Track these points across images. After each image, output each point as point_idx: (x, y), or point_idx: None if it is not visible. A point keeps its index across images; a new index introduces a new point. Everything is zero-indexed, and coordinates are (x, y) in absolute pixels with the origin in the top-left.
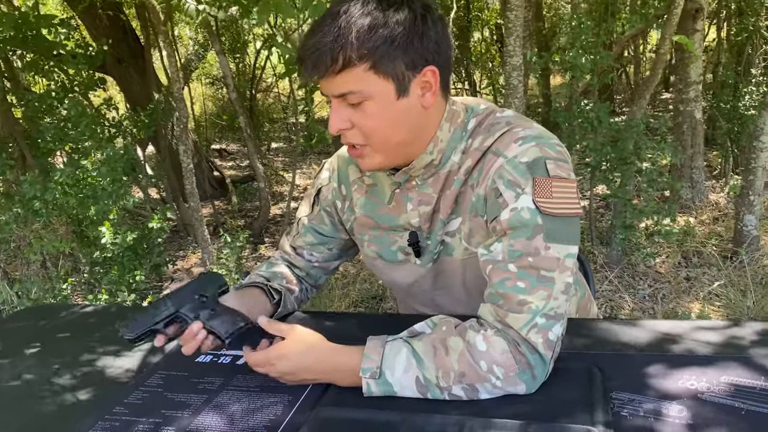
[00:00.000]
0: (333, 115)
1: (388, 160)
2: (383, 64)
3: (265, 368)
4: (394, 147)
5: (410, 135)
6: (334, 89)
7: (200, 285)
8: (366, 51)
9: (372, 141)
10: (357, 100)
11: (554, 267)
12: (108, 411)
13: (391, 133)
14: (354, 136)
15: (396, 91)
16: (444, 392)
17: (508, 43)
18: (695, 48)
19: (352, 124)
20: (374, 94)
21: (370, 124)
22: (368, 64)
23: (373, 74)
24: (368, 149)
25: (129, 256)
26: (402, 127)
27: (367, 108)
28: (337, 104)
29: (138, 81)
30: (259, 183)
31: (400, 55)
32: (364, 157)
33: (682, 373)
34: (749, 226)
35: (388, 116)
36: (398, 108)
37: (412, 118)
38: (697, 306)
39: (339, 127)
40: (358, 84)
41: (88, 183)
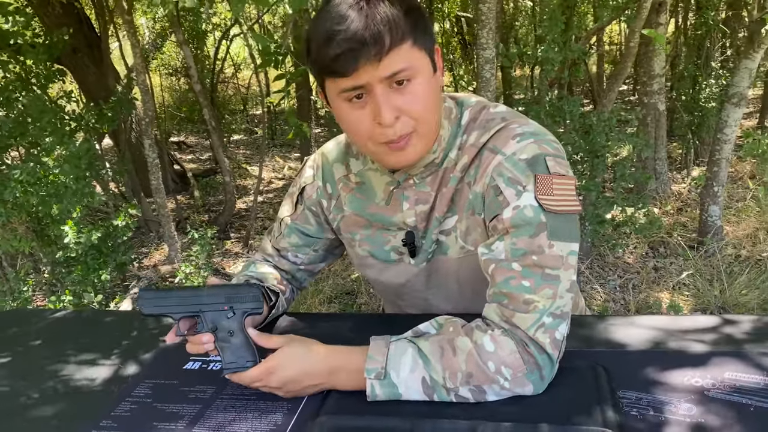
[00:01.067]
0: (384, 106)
1: (425, 149)
2: (422, 38)
3: (264, 381)
4: (433, 130)
5: (439, 116)
6: (384, 71)
7: (238, 296)
8: (409, 27)
9: (420, 124)
10: (407, 76)
11: (558, 265)
12: (95, 425)
13: (433, 113)
14: (404, 125)
15: (431, 66)
16: (451, 394)
17: (480, 35)
18: (662, 36)
19: (401, 112)
20: (420, 69)
21: (419, 105)
22: (412, 40)
23: (416, 49)
24: (414, 137)
25: (93, 255)
26: (438, 105)
27: (414, 87)
28: (384, 92)
29: (94, 72)
30: (225, 177)
31: (428, 30)
32: (408, 148)
33: (684, 370)
34: (713, 217)
35: (431, 92)
36: (434, 84)
37: (439, 97)
38: (666, 296)
39: (393, 115)
40: (407, 60)
41: (50, 181)
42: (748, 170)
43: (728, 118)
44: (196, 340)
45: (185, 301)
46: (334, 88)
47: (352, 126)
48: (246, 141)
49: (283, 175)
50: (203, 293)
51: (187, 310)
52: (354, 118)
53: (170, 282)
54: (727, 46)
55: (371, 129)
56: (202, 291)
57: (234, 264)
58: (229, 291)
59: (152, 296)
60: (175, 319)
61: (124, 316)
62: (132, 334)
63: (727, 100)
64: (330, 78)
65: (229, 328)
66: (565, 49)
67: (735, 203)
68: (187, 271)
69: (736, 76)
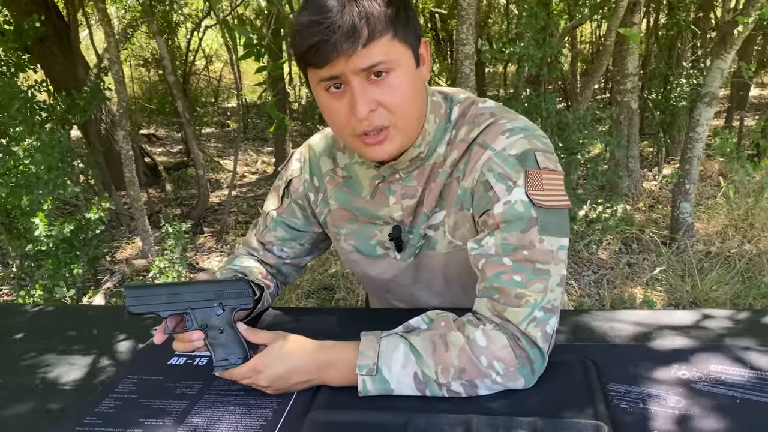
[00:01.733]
0: (359, 98)
1: (404, 143)
2: (403, 31)
3: (253, 378)
4: (413, 124)
5: (422, 111)
6: (360, 63)
7: (228, 291)
8: (391, 18)
9: (397, 117)
10: (385, 68)
11: (549, 259)
12: (78, 422)
13: (413, 106)
14: (380, 117)
15: (414, 60)
16: (443, 389)
17: (460, 31)
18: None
19: (377, 104)
20: (400, 62)
21: (397, 99)
22: (392, 33)
23: (397, 42)
24: (392, 130)
25: (64, 249)
26: (420, 99)
27: (393, 79)
28: (360, 85)
29: (62, 61)
30: (198, 171)
31: (412, 23)
32: (386, 142)
33: (671, 363)
34: (685, 214)
35: (412, 86)
36: (417, 78)
37: (422, 91)
38: (640, 291)
39: (368, 108)
40: (386, 53)
41: (21, 171)
42: (717, 169)
43: (700, 117)
44: (185, 338)
45: (173, 298)
46: (314, 77)
47: (331, 116)
48: (218, 134)
49: (256, 169)
50: (191, 290)
51: (175, 308)
52: (332, 108)
53: (144, 276)
54: (698, 47)
55: (348, 120)
56: (190, 287)
57: (208, 258)
58: (218, 287)
59: (139, 294)
60: (163, 316)
61: (102, 311)
62: (112, 329)
63: (699, 99)
64: (309, 67)
65: (219, 325)
66: (544, 45)
67: (705, 200)
68: (161, 266)
69: (708, 77)
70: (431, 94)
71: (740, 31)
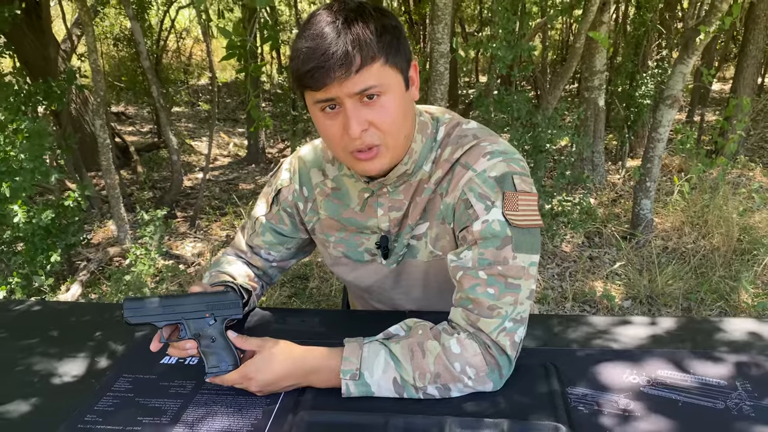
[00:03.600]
0: (352, 119)
1: (393, 159)
2: (394, 57)
3: (244, 384)
4: (402, 143)
5: (411, 129)
6: (354, 87)
7: (218, 303)
8: (382, 46)
9: (387, 137)
10: (377, 92)
11: (521, 275)
12: (79, 419)
13: (402, 126)
14: (371, 136)
15: (404, 83)
16: (419, 392)
17: (436, 30)
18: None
19: (369, 125)
20: (391, 86)
21: (387, 119)
22: (384, 59)
23: (388, 68)
24: (382, 148)
25: (41, 236)
26: (409, 119)
27: (383, 102)
28: (354, 107)
29: (32, 41)
30: (172, 156)
31: (402, 50)
32: (376, 159)
33: (624, 368)
34: (645, 210)
35: (401, 108)
36: (406, 100)
37: (411, 111)
38: (600, 284)
39: (361, 128)
40: (378, 78)
41: (1, 159)
42: (677, 164)
43: (662, 119)
44: (179, 346)
45: (168, 310)
46: (310, 99)
47: (326, 134)
48: (188, 114)
49: (229, 152)
50: (185, 302)
51: (169, 319)
52: (327, 127)
53: (120, 264)
54: (663, 46)
55: (342, 138)
56: (184, 300)
57: (182, 244)
58: (210, 299)
59: (136, 306)
60: (159, 326)
61: (92, 308)
62: (103, 327)
63: (661, 101)
64: (305, 90)
65: (211, 334)
66: (516, 47)
67: (664, 196)
68: (138, 254)
69: (671, 80)
70: (419, 114)
71: (702, 39)
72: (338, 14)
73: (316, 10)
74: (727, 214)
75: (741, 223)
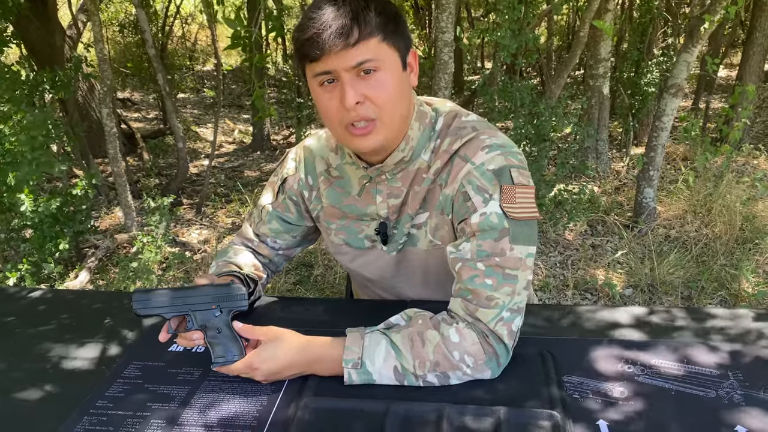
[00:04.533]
0: (348, 89)
1: (389, 138)
2: (392, 37)
3: (249, 373)
4: (398, 121)
5: (407, 111)
6: (351, 60)
7: (224, 295)
8: (380, 24)
9: (382, 112)
10: (373, 66)
11: (518, 266)
12: (91, 405)
13: (398, 104)
14: (366, 109)
15: (401, 64)
16: (419, 380)
17: (441, 19)
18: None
19: (365, 98)
20: (387, 62)
21: (383, 94)
22: (381, 36)
23: (385, 45)
24: (378, 124)
25: (49, 223)
26: (405, 99)
27: (379, 77)
28: (351, 79)
29: (38, 27)
30: (178, 143)
31: (401, 32)
32: (371, 134)
33: (619, 356)
34: (648, 199)
35: (397, 86)
36: (403, 79)
37: (408, 93)
38: (602, 273)
39: (356, 99)
40: (374, 53)
41: (6, 149)
42: (681, 152)
43: (666, 107)
44: (187, 336)
45: (176, 302)
46: (310, 72)
47: (324, 107)
48: (193, 100)
49: (234, 139)
50: (192, 294)
51: (177, 311)
52: (325, 101)
53: (127, 251)
54: (669, 34)
55: (339, 111)
56: (191, 292)
57: (188, 231)
58: (216, 291)
59: (145, 298)
60: (167, 318)
61: (102, 296)
62: (113, 315)
63: (665, 90)
64: (305, 62)
65: (217, 325)
66: (520, 36)
67: (668, 185)
68: (145, 241)
69: (675, 68)
70: (419, 104)
71: (706, 28)
72: None
73: None
74: (730, 203)
75: (744, 212)
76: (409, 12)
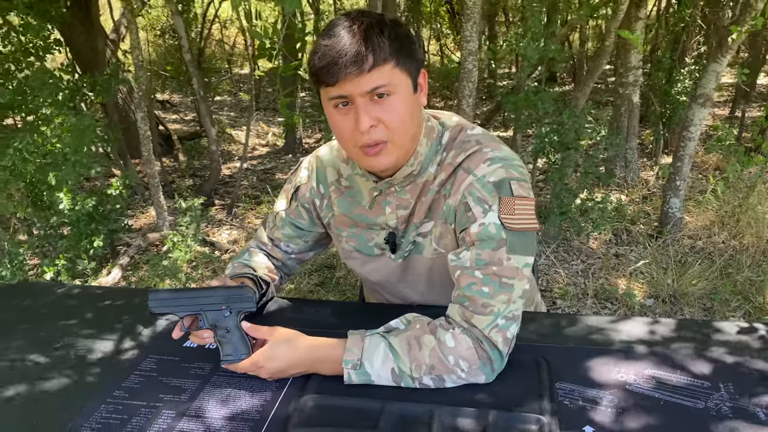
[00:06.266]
0: (362, 114)
1: (400, 158)
2: (404, 61)
3: (255, 371)
4: (408, 141)
5: (417, 129)
6: (365, 86)
7: (234, 296)
8: (394, 50)
9: (394, 135)
10: (386, 91)
11: (514, 275)
12: (109, 394)
13: (409, 126)
14: (379, 133)
15: (412, 87)
16: (415, 382)
17: (465, 28)
18: (638, 37)
19: (378, 122)
20: (399, 87)
21: (395, 117)
22: (394, 62)
23: (398, 70)
24: (390, 145)
25: (85, 221)
26: (415, 119)
27: (392, 101)
28: (365, 104)
29: (82, 32)
30: (211, 146)
31: (412, 56)
32: (383, 155)
33: (614, 364)
34: (674, 209)
35: (408, 109)
36: (414, 102)
37: (418, 113)
38: (623, 282)
39: (370, 123)
40: (387, 78)
41: (49, 150)
42: (714, 162)
43: (693, 117)
44: (198, 334)
45: (188, 302)
46: (325, 95)
47: (338, 129)
48: (230, 102)
49: (267, 141)
50: (204, 294)
51: (190, 310)
52: (339, 122)
53: (158, 249)
54: (701, 43)
55: (353, 133)
56: (203, 293)
57: (218, 231)
58: (226, 293)
59: (160, 297)
60: (180, 316)
61: (125, 293)
62: (133, 311)
63: (693, 99)
64: (320, 86)
65: (226, 325)
66: (544, 46)
67: (697, 194)
68: (175, 240)
69: (704, 78)
70: (427, 119)
71: (734, 38)
72: (355, 20)
73: (336, 17)
74: (760, 214)
75: None
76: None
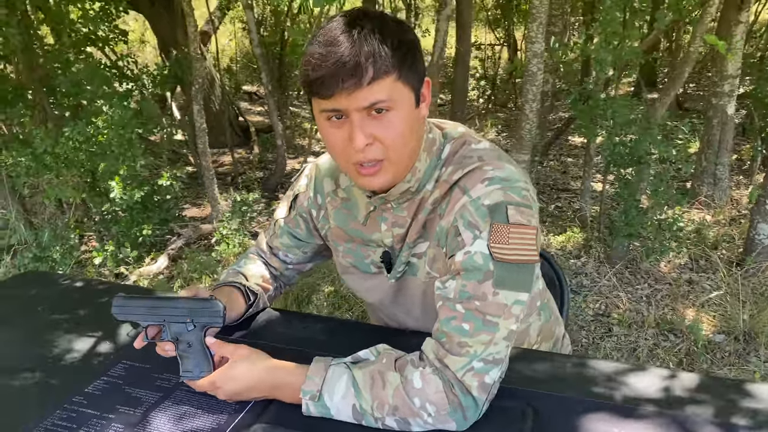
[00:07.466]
0: (357, 132)
1: (396, 176)
2: (407, 74)
3: (213, 391)
4: (406, 159)
5: (417, 145)
6: (363, 101)
7: (200, 310)
8: (395, 62)
9: (391, 152)
10: (385, 107)
11: (500, 313)
12: (68, 400)
13: (407, 142)
14: (375, 151)
15: (414, 101)
16: (378, 422)
17: (530, 29)
18: (735, 43)
19: (374, 139)
20: (400, 102)
21: (393, 134)
22: (397, 75)
23: (400, 84)
24: (385, 164)
25: (138, 209)
26: (415, 135)
27: (391, 117)
28: (361, 120)
29: (167, 21)
30: (277, 141)
31: (416, 66)
32: (379, 174)
33: (607, 420)
34: (761, 235)
35: (408, 125)
36: (415, 116)
37: (418, 128)
38: (691, 312)
39: (365, 141)
40: (387, 93)
41: (98, 141)
42: None
43: None
44: (161, 346)
45: (152, 311)
46: (317, 107)
47: (330, 143)
48: None
49: None
50: (168, 305)
51: (153, 320)
52: (332, 136)
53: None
54: None
55: (346, 148)
56: (168, 303)
57: None
58: (192, 305)
59: (124, 304)
60: (143, 325)
61: (124, 291)
62: None
63: None
64: (313, 96)
65: (188, 339)
66: (619, 49)
67: None
68: (224, 233)
69: None
70: (428, 131)
71: None
72: (355, 22)
73: (333, 16)
74: None
75: None
76: None
